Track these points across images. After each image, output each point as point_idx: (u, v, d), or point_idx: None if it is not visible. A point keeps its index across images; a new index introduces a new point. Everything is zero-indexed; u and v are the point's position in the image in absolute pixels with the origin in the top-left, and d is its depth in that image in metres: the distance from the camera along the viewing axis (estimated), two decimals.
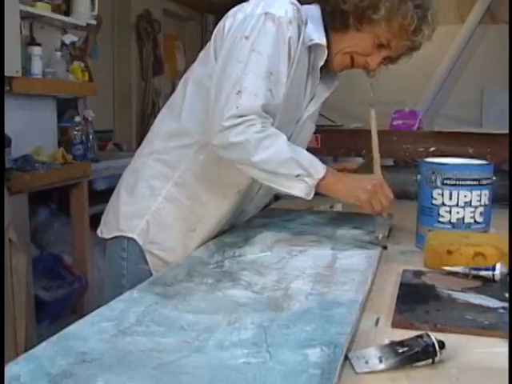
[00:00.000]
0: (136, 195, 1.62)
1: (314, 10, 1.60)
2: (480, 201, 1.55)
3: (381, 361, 0.88)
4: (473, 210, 1.55)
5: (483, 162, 1.62)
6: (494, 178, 1.59)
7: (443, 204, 1.55)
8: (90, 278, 3.32)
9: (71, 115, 3.69)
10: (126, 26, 4.94)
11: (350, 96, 5.92)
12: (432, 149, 2.27)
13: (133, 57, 4.97)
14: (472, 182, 1.53)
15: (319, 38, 1.56)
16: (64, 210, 3.46)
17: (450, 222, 1.55)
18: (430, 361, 0.89)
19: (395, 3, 1.49)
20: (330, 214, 1.84)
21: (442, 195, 1.54)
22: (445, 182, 1.54)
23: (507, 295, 1.16)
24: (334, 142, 2.33)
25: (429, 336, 0.90)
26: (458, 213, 1.54)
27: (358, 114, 5.74)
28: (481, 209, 1.55)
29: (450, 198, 1.54)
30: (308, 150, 1.64)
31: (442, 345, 0.90)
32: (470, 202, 1.54)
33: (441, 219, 1.56)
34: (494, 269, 1.27)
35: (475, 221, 1.55)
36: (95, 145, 3.73)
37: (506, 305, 1.12)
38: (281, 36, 1.46)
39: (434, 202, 1.56)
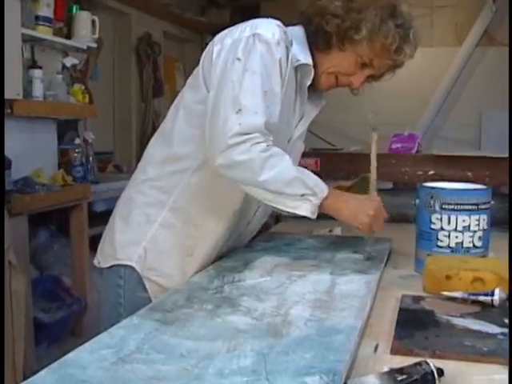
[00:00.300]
0: (131, 223, 1.62)
1: (298, 31, 1.63)
2: (478, 225, 1.56)
3: None
4: (471, 234, 1.55)
5: (481, 186, 1.63)
6: (493, 203, 1.60)
7: (442, 228, 1.55)
8: (90, 299, 3.31)
9: (71, 137, 3.70)
10: (126, 48, 4.97)
11: (351, 118, 5.95)
12: (431, 172, 2.28)
13: (133, 79, 4.99)
14: (470, 207, 1.54)
15: (305, 58, 1.59)
16: (64, 232, 3.46)
17: (448, 246, 1.55)
18: None
19: (376, 23, 1.52)
20: (330, 238, 1.84)
21: (441, 220, 1.55)
22: (443, 206, 1.54)
23: (506, 321, 1.16)
24: (333, 166, 2.34)
25: (428, 363, 0.90)
26: (456, 237, 1.55)
27: (358, 136, 5.78)
28: (479, 233, 1.56)
29: (449, 223, 1.55)
30: None
31: (440, 372, 0.90)
32: (469, 226, 1.55)
33: (440, 244, 1.56)
34: (492, 294, 1.28)
35: (474, 245, 1.56)
36: (95, 166, 3.74)
37: (505, 331, 1.12)
38: (271, 56, 1.48)
39: (432, 226, 1.56)
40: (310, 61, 1.59)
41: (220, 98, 1.45)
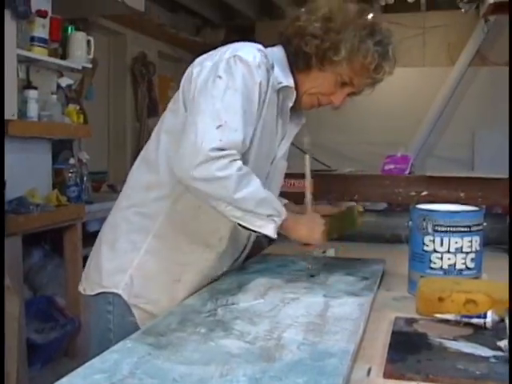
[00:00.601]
0: (117, 250, 1.61)
1: (278, 53, 1.64)
2: (471, 247, 1.56)
3: None
4: (464, 256, 1.56)
5: (474, 208, 1.64)
6: (485, 224, 1.61)
7: (435, 250, 1.56)
8: (83, 320, 3.29)
9: (66, 157, 3.71)
10: (121, 68, 5.00)
11: (346, 138, 5.99)
12: (424, 193, 2.29)
13: (128, 98, 5.01)
14: (463, 229, 1.55)
15: (287, 80, 1.60)
16: (57, 252, 3.46)
17: (441, 268, 1.56)
18: None
19: (355, 44, 1.54)
20: (323, 259, 1.84)
21: (434, 242, 1.56)
22: (436, 228, 1.55)
23: (499, 343, 1.16)
24: (327, 187, 2.35)
25: None
26: (449, 259, 1.56)
27: (353, 156, 5.83)
28: (472, 255, 1.57)
29: (442, 245, 1.55)
30: (302, 193, 1.69)
31: None
32: (461, 248, 1.55)
33: (432, 265, 1.57)
34: (485, 316, 1.28)
35: (467, 267, 1.56)
36: (89, 186, 3.75)
37: (498, 354, 1.12)
38: (252, 78, 1.49)
39: (425, 248, 1.57)
40: (291, 83, 1.61)
41: (198, 111, 1.46)
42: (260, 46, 1.58)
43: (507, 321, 1.21)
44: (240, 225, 1.50)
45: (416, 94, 5.78)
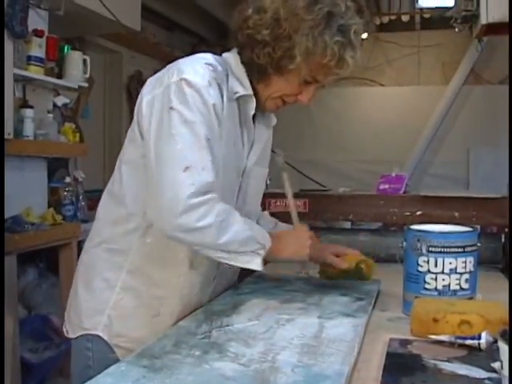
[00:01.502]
0: (93, 290, 1.57)
1: (233, 58, 1.58)
2: (465, 267, 1.57)
3: None
4: (458, 276, 1.56)
5: (468, 228, 1.64)
6: (479, 245, 1.61)
7: (429, 271, 1.56)
8: None
9: (62, 175, 3.72)
10: (117, 86, 5.01)
11: (342, 156, 6.02)
12: (419, 213, 2.30)
13: (124, 117, 5.03)
14: (457, 250, 1.55)
15: (244, 88, 1.55)
16: (53, 271, 3.45)
17: (435, 288, 1.56)
18: None
19: (310, 46, 1.44)
20: (318, 279, 1.85)
21: (428, 262, 1.56)
22: (430, 249, 1.55)
23: (493, 365, 1.16)
24: (321, 207, 2.36)
25: None
26: (443, 280, 1.56)
27: (349, 173, 5.86)
28: (466, 275, 1.57)
29: (436, 265, 1.55)
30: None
31: None
32: (456, 268, 1.56)
33: (427, 286, 1.57)
34: (479, 337, 1.28)
35: (461, 287, 1.57)
36: (85, 205, 3.74)
37: (492, 375, 1.12)
38: (204, 102, 1.43)
39: (419, 269, 1.57)
40: (249, 90, 1.56)
41: (162, 154, 1.40)
42: (208, 58, 1.53)
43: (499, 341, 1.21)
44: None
45: (411, 113, 5.82)
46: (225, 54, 1.60)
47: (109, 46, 4.80)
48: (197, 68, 1.47)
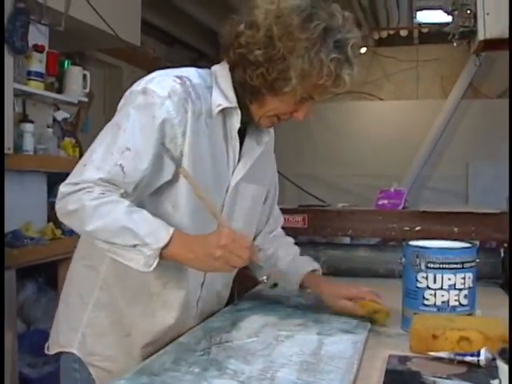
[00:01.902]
0: (70, 306, 1.56)
1: (221, 71, 1.51)
2: (464, 284, 1.57)
3: None
4: (457, 292, 1.56)
5: (467, 244, 1.65)
6: (478, 260, 1.61)
7: (428, 287, 1.56)
8: None
9: None
10: (117, 101, 5.00)
11: (341, 170, 6.03)
12: (417, 228, 2.30)
13: None
14: (455, 266, 1.55)
15: (227, 100, 1.48)
16: (52, 285, 3.44)
17: (434, 305, 1.56)
18: None
19: (306, 67, 1.38)
20: (317, 295, 1.84)
21: (427, 278, 1.56)
22: (429, 265, 1.55)
23: (492, 382, 1.16)
24: (320, 222, 2.36)
25: None
26: (442, 296, 1.56)
27: (348, 188, 5.87)
28: (465, 291, 1.57)
29: (435, 282, 1.55)
30: (295, 229, 1.66)
31: None
32: (454, 285, 1.56)
33: (426, 302, 1.57)
34: (478, 354, 1.28)
35: (460, 303, 1.57)
36: None
37: None
38: (149, 113, 1.37)
39: (418, 285, 1.57)
40: (233, 103, 1.48)
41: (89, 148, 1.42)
42: (187, 71, 1.48)
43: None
44: None
45: (410, 127, 5.84)
46: (214, 67, 1.54)
47: (108, 61, 4.82)
48: (164, 80, 1.42)
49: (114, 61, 4.88)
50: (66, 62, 3.56)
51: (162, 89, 1.39)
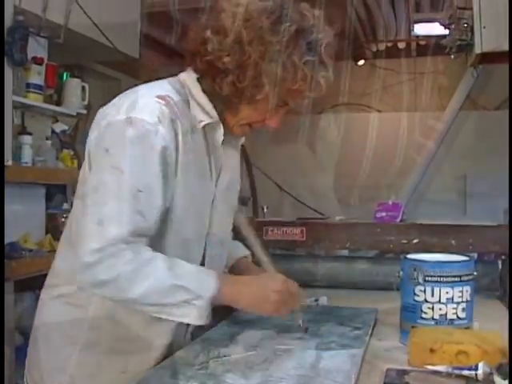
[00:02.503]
0: (53, 346, 1.46)
1: (192, 83, 1.44)
2: (462, 297, 1.57)
3: None
4: (455, 306, 1.56)
5: (464, 258, 1.65)
6: (475, 273, 1.61)
7: (425, 300, 1.56)
8: None
9: (59, 201, 3.72)
10: None
11: (339, 182, 6.03)
12: (415, 241, 2.31)
13: None
14: (453, 279, 1.55)
15: (209, 116, 1.42)
16: None
17: (432, 318, 1.56)
18: None
19: (278, 72, 1.31)
20: (315, 308, 1.84)
21: (424, 292, 1.56)
22: (426, 278, 1.56)
23: None
24: (318, 235, 2.36)
25: None
26: (440, 309, 1.56)
27: (346, 199, 5.86)
28: (463, 305, 1.57)
29: (432, 295, 1.56)
30: (294, 241, 1.65)
31: None
32: (452, 298, 1.56)
33: (424, 315, 1.57)
34: (476, 368, 1.28)
35: (458, 317, 1.57)
36: None
37: None
38: (147, 145, 1.30)
39: (416, 298, 1.57)
40: (214, 117, 1.42)
41: (87, 202, 1.30)
42: (164, 87, 1.40)
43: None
44: None
45: (408, 139, 5.84)
46: (182, 76, 1.47)
47: (107, 73, 4.82)
48: (147, 102, 1.34)
49: (113, 73, 4.89)
50: (65, 74, 3.58)
51: (149, 115, 1.31)
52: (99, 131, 1.36)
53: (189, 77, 1.46)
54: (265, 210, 1.81)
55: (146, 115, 1.31)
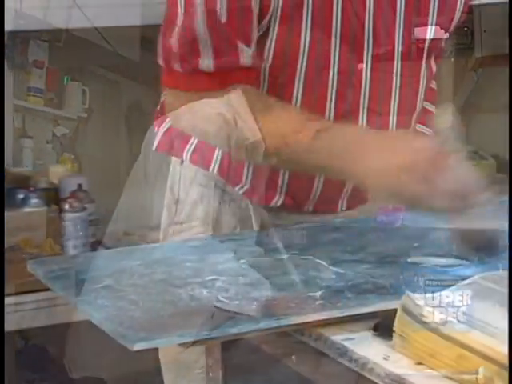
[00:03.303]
0: None
1: (238, 97, 1.41)
2: (462, 301, 1.57)
3: None
4: (455, 310, 1.56)
5: (464, 261, 1.65)
6: (476, 277, 1.61)
7: (426, 304, 1.56)
8: None
9: (59, 204, 3.71)
10: (116, 116, 5.03)
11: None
12: (415, 244, 2.29)
13: (122, 145, 5.03)
14: (453, 283, 1.55)
15: (253, 133, 1.36)
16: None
17: (433, 322, 1.56)
18: None
19: None
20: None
21: (425, 295, 1.56)
22: (427, 282, 1.55)
23: None
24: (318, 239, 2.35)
25: None
26: (440, 313, 1.56)
27: None
28: (463, 309, 1.57)
29: (433, 299, 1.55)
30: None
31: None
32: (453, 302, 1.56)
33: (424, 319, 1.56)
34: (476, 372, 1.28)
35: (458, 321, 1.56)
36: None
37: None
38: None
39: (416, 302, 1.57)
40: (258, 134, 1.36)
41: None
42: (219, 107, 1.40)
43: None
44: None
45: None
46: (227, 96, 1.44)
47: (108, 76, 4.82)
48: None
49: (114, 76, 4.89)
50: (66, 78, 3.58)
51: None
52: None
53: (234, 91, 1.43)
54: None
55: None
